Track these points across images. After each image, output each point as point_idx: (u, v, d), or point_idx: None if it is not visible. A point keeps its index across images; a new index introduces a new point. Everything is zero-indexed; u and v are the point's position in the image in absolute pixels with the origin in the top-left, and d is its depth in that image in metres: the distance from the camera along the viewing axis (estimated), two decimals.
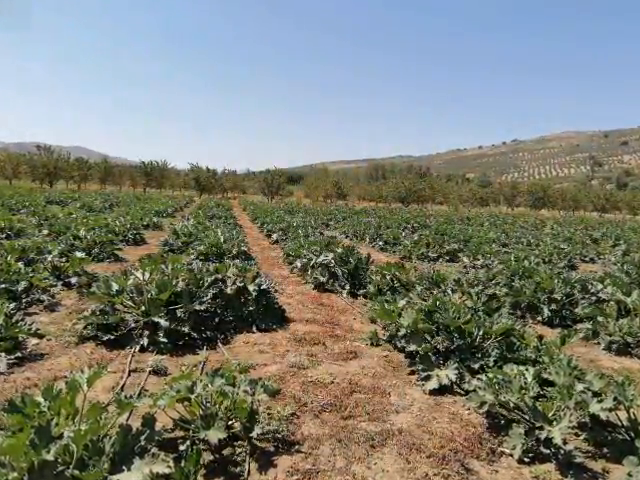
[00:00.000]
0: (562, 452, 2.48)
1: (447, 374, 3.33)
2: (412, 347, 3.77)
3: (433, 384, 3.32)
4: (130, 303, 4.28)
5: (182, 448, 2.37)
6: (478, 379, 3.02)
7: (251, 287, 4.80)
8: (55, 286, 5.54)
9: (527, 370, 2.92)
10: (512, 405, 2.75)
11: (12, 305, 4.05)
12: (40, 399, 2.20)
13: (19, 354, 3.54)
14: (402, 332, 4.04)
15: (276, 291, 5.46)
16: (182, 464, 1.99)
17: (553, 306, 5.37)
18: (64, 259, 6.44)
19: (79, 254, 6.30)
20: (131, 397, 2.37)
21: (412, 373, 3.66)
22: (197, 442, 2.38)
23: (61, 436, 1.97)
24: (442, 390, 3.31)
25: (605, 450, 2.62)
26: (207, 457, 2.37)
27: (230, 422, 2.53)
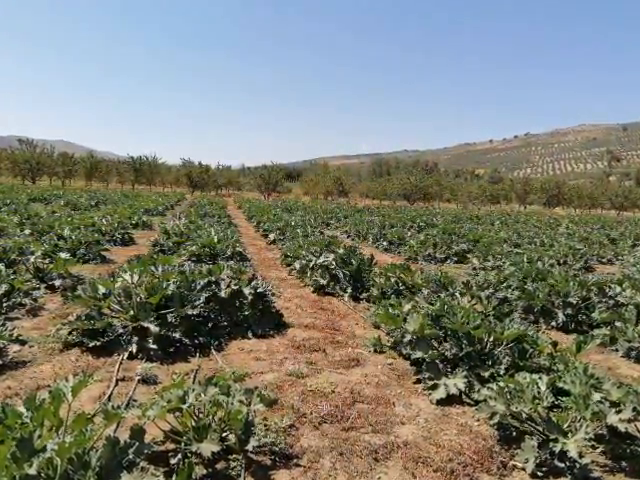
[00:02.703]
0: (578, 466, 2.48)
1: (455, 383, 3.33)
2: (418, 354, 3.77)
3: (440, 393, 3.32)
4: (118, 307, 4.29)
5: (173, 462, 2.37)
6: (488, 388, 3.02)
7: (247, 290, 4.80)
8: (38, 289, 5.53)
9: (540, 379, 2.92)
10: (524, 416, 2.75)
11: None
12: (22, 409, 2.20)
13: None
14: (407, 338, 4.04)
15: (273, 294, 5.46)
16: (173, 479, 1.99)
17: (568, 310, 5.37)
18: (47, 260, 6.44)
19: (63, 255, 6.30)
20: (119, 407, 2.37)
21: (418, 382, 3.66)
22: (189, 455, 2.38)
23: (44, 449, 1.97)
24: (450, 400, 3.31)
25: (624, 464, 2.63)
26: (200, 471, 2.36)
27: (224, 434, 2.54)
